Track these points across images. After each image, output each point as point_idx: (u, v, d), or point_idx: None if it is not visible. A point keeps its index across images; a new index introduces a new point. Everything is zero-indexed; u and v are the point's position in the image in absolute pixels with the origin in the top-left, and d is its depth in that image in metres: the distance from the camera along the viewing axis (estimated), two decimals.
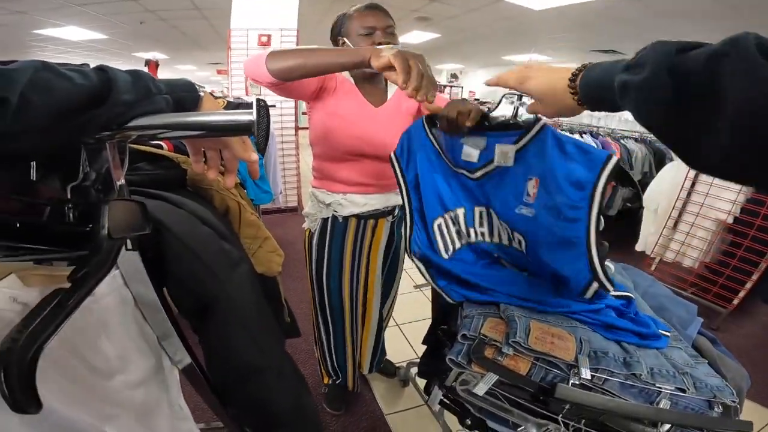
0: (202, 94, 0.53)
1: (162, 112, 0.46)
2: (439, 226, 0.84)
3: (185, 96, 0.50)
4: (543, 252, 0.70)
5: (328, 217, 1.26)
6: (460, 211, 0.82)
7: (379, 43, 1.09)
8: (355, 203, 1.22)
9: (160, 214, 0.57)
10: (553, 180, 0.64)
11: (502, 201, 0.72)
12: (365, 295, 1.43)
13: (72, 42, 5.86)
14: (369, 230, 1.29)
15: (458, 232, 0.84)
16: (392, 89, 1.24)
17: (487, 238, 0.83)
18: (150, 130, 0.46)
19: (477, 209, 0.82)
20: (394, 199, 1.26)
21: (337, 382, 1.63)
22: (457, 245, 0.85)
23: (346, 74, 1.19)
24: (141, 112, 0.43)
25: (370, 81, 1.20)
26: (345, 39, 1.15)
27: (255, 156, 0.53)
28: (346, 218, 1.25)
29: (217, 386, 0.71)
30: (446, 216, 0.84)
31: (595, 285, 0.71)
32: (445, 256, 0.82)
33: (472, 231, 0.83)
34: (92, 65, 0.42)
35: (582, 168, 0.62)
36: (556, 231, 0.67)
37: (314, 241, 1.30)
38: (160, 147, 0.86)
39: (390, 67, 0.72)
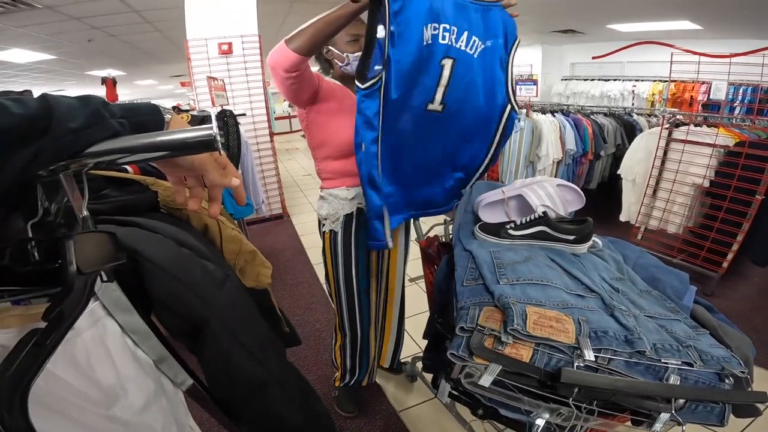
0: (168, 117, 0.49)
1: (119, 136, 0.43)
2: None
3: (146, 119, 0.47)
4: None
5: (352, 212, 1.32)
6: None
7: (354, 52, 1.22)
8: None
9: (133, 241, 0.54)
10: None
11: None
12: (388, 281, 1.50)
13: (19, 65, 5.62)
14: None
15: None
16: None
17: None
18: (105, 156, 0.43)
19: None
20: None
21: (351, 382, 1.63)
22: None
23: (330, 79, 1.30)
24: (96, 139, 0.41)
25: (345, 80, 1.28)
26: (330, 48, 1.25)
27: (236, 182, 0.50)
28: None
29: (224, 405, 0.70)
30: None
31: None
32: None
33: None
34: (44, 89, 0.39)
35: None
36: None
37: (339, 239, 1.35)
38: (126, 171, 0.82)
39: None
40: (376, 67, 0.97)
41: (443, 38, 1.03)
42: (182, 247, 0.61)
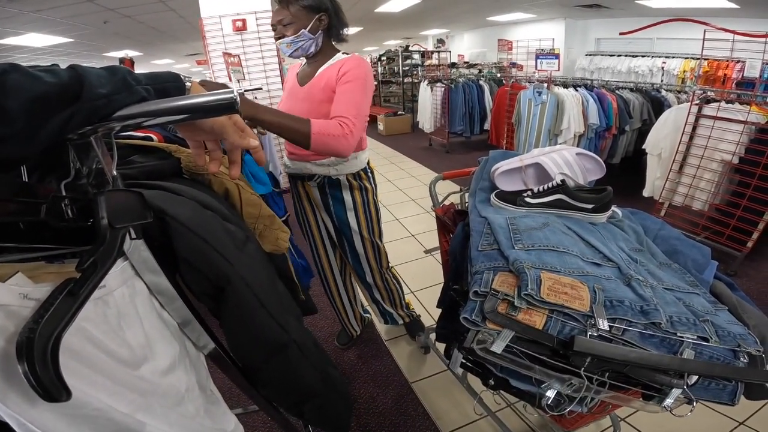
0: (189, 84, 0.51)
1: (145, 102, 0.45)
2: None
3: (169, 86, 0.49)
4: None
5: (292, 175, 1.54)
6: None
7: (275, 39, 1.28)
8: (287, 165, 1.50)
9: (159, 202, 0.56)
10: None
11: None
12: (325, 247, 1.66)
13: (37, 48, 5.72)
14: (301, 189, 1.52)
15: None
16: (322, 68, 1.31)
17: None
18: (132, 119, 0.45)
19: None
20: (310, 168, 1.41)
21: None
22: None
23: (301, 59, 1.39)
24: (125, 104, 0.43)
25: (309, 62, 1.35)
26: None
27: (255, 142, 0.52)
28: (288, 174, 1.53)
29: (243, 367, 0.72)
30: None
31: None
32: None
33: None
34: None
35: None
36: None
37: None
38: (150, 140, 0.84)
39: None
40: None
41: None
42: (206, 209, 0.63)
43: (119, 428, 0.42)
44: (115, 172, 0.48)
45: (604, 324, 0.66)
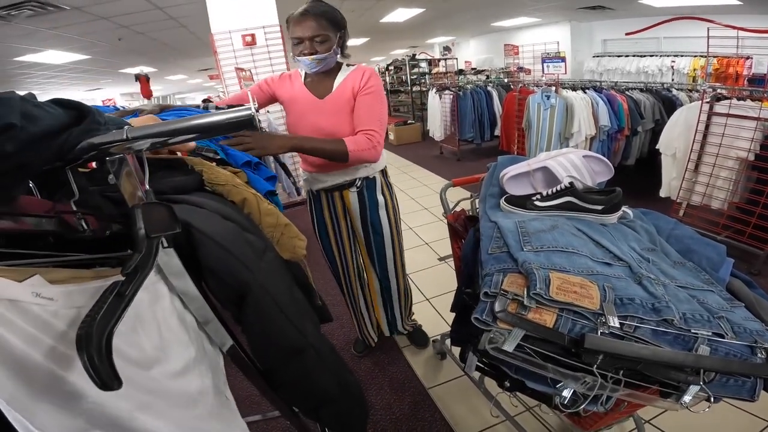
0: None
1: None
2: None
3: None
4: None
5: (309, 189, 1.57)
6: None
7: (304, 53, 1.24)
8: (319, 180, 1.48)
9: (185, 215, 0.60)
10: None
11: None
12: (353, 255, 1.69)
13: (55, 65, 5.89)
14: (338, 200, 1.54)
15: None
16: (338, 81, 1.34)
17: None
18: (159, 137, 0.50)
19: None
20: (353, 173, 1.45)
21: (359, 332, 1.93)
22: None
23: (298, 69, 1.40)
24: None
25: (319, 75, 1.34)
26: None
27: None
28: (317, 191, 1.53)
29: (264, 371, 0.75)
30: None
31: None
32: None
33: None
34: (82, 88, 0.49)
35: None
36: None
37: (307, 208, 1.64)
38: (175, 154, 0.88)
39: None
40: None
41: None
42: (227, 220, 0.66)
43: (111, 422, 0.43)
44: (147, 186, 0.53)
45: (614, 321, 0.66)
